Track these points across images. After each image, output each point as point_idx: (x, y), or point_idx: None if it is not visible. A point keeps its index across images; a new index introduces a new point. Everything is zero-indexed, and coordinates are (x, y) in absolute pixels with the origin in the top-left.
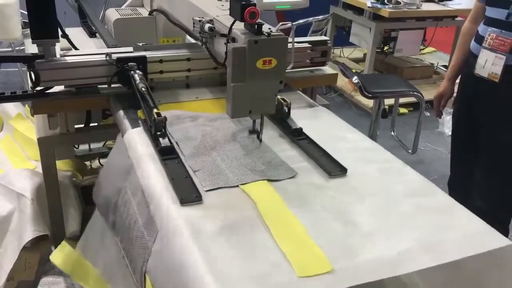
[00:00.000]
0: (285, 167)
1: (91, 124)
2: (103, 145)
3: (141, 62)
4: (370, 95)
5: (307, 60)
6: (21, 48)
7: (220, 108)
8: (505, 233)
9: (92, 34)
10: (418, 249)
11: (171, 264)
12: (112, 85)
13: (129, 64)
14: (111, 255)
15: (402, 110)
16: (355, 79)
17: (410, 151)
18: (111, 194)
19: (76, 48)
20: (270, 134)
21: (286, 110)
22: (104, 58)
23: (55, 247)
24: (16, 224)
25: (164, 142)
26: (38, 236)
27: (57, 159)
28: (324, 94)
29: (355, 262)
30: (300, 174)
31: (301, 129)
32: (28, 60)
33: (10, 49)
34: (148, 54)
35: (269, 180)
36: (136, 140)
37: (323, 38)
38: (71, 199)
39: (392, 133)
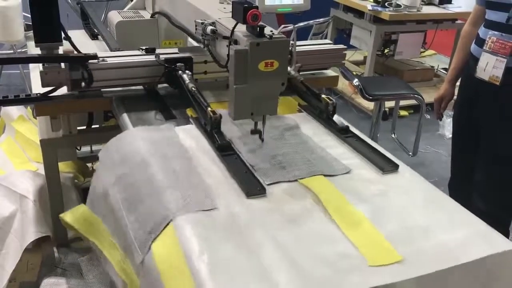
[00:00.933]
0: (338, 163)
1: (93, 126)
2: None
3: (188, 63)
4: (370, 97)
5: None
6: (23, 50)
7: None
8: (506, 234)
9: (94, 36)
10: (474, 237)
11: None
12: (117, 88)
13: (177, 64)
14: (112, 217)
15: (403, 112)
16: (355, 81)
17: (410, 153)
18: (142, 151)
19: (78, 51)
20: (316, 132)
21: (331, 109)
22: (154, 59)
23: (57, 249)
24: (18, 225)
25: (220, 139)
26: (40, 237)
27: (59, 160)
28: None
29: (418, 253)
30: (353, 170)
31: (347, 127)
32: (82, 61)
33: (11, 51)
34: (193, 55)
35: (325, 176)
36: (185, 137)
37: (326, 41)
38: (73, 201)
39: (393, 136)
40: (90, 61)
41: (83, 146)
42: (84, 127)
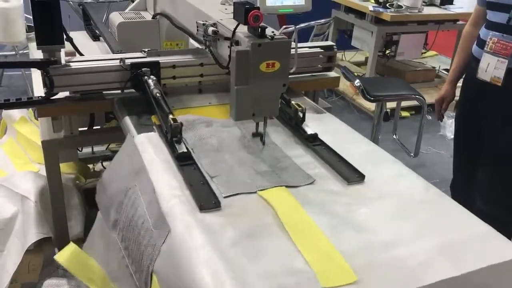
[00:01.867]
0: (302, 174)
1: (94, 127)
2: (106, 148)
3: (155, 68)
4: (372, 98)
5: (319, 65)
6: (25, 51)
7: None
8: (508, 236)
9: (95, 37)
10: (438, 256)
11: (184, 268)
12: (118, 91)
13: (143, 69)
14: (114, 256)
15: (404, 113)
16: (357, 82)
17: (412, 154)
18: (116, 193)
19: (80, 52)
20: (284, 139)
21: (301, 116)
22: (118, 64)
23: (59, 250)
24: (20, 226)
25: (180, 147)
26: (42, 238)
27: (61, 161)
28: (326, 98)
29: (377, 272)
30: (317, 181)
31: (316, 134)
32: (42, 66)
33: (13, 52)
34: (161, 59)
35: (287, 186)
36: (146, 145)
37: (329, 43)
38: (74, 202)
39: (394, 137)
40: (51, 66)
41: (85, 147)
42: (86, 128)
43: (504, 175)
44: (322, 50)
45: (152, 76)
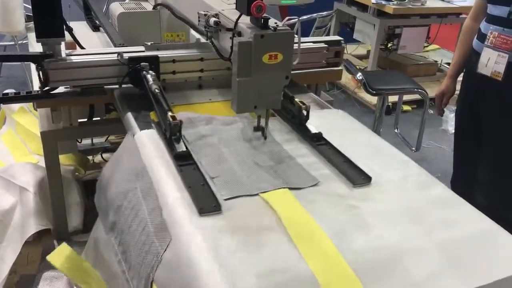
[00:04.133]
0: (306, 175)
1: (94, 119)
2: (106, 140)
3: (154, 62)
4: (374, 91)
5: (323, 61)
6: (24, 41)
7: None
8: (510, 230)
9: (95, 28)
10: (447, 269)
11: (185, 277)
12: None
13: (141, 64)
14: (110, 260)
15: (406, 107)
16: (359, 75)
17: (413, 148)
18: (115, 195)
19: (79, 43)
20: (287, 138)
21: (305, 114)
22: (116, 58)
23: (58, 242)
24: (19, 218)
25: (179, 146)
26: (41, 230)
27: (60, 153)
28: (327, 91)
29: (384, 283)
30: (322, 183)
31: (320, 134)
32: (37, 60)
33: (12, 42)
34: (160, 53)
35: (290, 188)
36: (147, 143)
37: (336, 38)
38: (74, 194)
39: (396, 131)
40: (46, 60)
41: (84, 138)
42: (85, 120)
43: (504, 170)
44: (326, 46)
45: (151, 71)
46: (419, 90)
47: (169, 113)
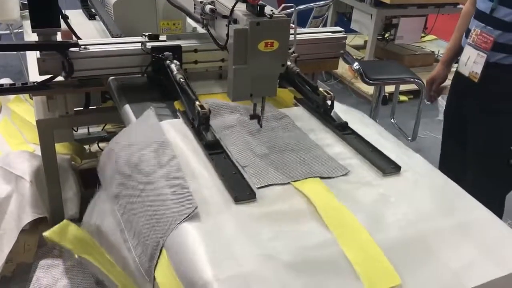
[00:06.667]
0: (336, 164)
1: (90, 107)
2: (102, 129)
3: (176, 52)
4: (371, 81)
5: (332, 52)
6: (20, 30)
7: None
8: None
9: (91, 16)
10: (481, 257)
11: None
12: (118, 76)
13: (165, 53)
14: (111, 229)
15: (402, 97)
16: (356, 65)
17: (409, 138)
18: (125, 163)
19: (75, 33)
20: (312, 127)
21: (330, 103)
22: (139, 48)
23: None
24: (15, 206)
25: (208, 136)
26: (37, 218)
27: (56, 142)
28: (324, 81)
29: (418, 274)
30: (351, 172)
31: (346, 123)
32: (62, 49)
33: (7, 31)
34: (182, 43)
35: (321, 178)
36: (172, 132)
37: (337, 29)
38: (70, 183)
39: (392, 121)
40: (70, 49)
41: (80, 127)
42: (81, 108)
43: (487, 171)
44: (338, 36)
45: (175, 61)
46: (416, 80)
47: (197, 102)
